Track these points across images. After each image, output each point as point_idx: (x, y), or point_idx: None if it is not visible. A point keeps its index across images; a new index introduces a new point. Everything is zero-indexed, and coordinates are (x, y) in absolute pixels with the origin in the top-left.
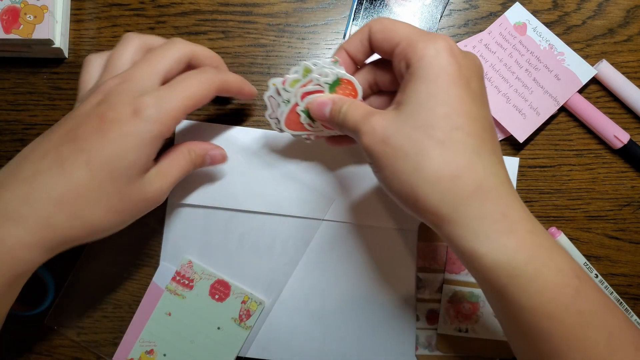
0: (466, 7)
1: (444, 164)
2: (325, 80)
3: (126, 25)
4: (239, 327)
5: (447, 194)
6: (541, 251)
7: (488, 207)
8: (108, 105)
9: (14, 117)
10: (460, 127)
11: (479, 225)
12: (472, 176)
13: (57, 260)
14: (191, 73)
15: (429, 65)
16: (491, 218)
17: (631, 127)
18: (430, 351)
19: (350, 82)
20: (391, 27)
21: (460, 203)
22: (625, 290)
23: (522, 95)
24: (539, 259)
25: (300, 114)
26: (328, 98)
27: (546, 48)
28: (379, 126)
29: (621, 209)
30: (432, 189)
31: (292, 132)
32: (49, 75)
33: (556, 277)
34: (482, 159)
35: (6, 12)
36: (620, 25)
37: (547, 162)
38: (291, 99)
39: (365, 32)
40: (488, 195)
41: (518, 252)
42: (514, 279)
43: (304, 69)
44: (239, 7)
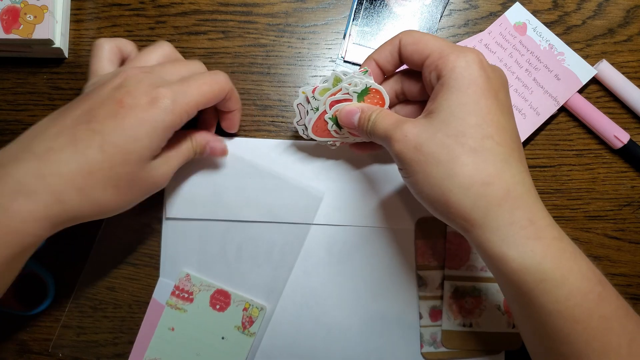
0: (466, 7)
1: (476, 170)
2: (354, 89)
3: (126, 25)
4: (243, 335)
5: (479, 199)
6: (567, 257)
7: (517, 214)
8: (127, 90)
9: (14, 117)
10: (490, 136)
11: (508, 231)
12: (502, 183)
13: (58, 260)
14: (207, 73)
15: (460, 76)
16: (519, 224)
17: (631, 127)
18: (436, 348)
19: (378, 92)
20: (422, 39)
21: (491, 209)
22: (625, 290)
23: (522, 95)
24: (565, 265)
25: (328, 121)
26: (356, 106)
27: (546, 48)
28: (412, 133)
29: (621, 209)
30: (464, 194)
31: (319, 139)
32: (49, 75)
33: (581, 283)
34: (510, 167)
35: (6, 12)
36: (620, 25)
37: (547, 162)
38: (320, 107)
39: (395, 44)
40: (517, 202)
41: (545, 257)
42: (541, 283)
43: (334, 78)
44: (239, 7)
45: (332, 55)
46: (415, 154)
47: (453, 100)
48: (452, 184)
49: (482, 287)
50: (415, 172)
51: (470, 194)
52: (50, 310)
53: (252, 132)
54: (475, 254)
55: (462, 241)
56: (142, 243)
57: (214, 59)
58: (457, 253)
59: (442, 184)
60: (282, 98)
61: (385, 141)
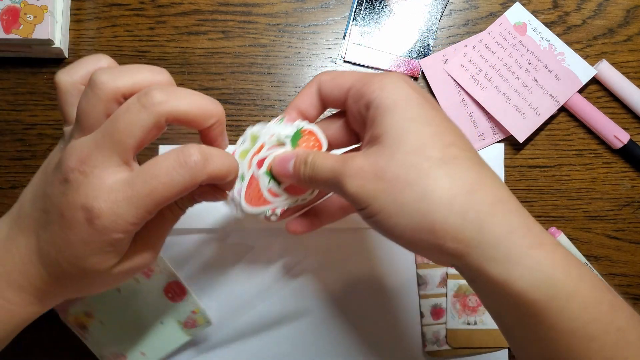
0: (466, 7)
1: (454, 180)
2: (286, 134)
3: (126, 25)
4: (181, 331)
5: (468, 212)
6: (573, 264)
7: (513, 220)
8: (66, 201)
9: (14, 117)
10: (453, 143)
11: (509, 242)
12: (487, 190)
13: None
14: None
15: (394, 94)
16: (519, 232)
17: (631, 127)
18: (439, 346)
19: (312, 133)
20: (340, 74)
21: (485, 219)
22: (625, 290)
23: (522, 95)
24: (573, 274)
25: (264, 178)
26: (291, 152)
27: (546, 48)
28: (367, 163)
29: (621, 209)
30: (449, 210)
31: (256, 210)
32: (49, 75)
33: (593, 293)
34: (486, 171)
35: (6, 12)
36: (620, 25)
37: (547, 162)
38: (245, 172)
39: (314, 86)
40: (506, 206)
41: (555, 268)
42: (553, 300)
43: (251, 136)
44: (239, 7)
45: (332, 55)
46: (377, 184)
47: (398, 117)
48: (432, 204)
49: None
50: (383, 205)
51: (456, 208)
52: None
53: None
54: None
55: None
56: None
57: (214, 59)
58: None
59: (420, 207)
60: (282, 98)
61: (335, 182)
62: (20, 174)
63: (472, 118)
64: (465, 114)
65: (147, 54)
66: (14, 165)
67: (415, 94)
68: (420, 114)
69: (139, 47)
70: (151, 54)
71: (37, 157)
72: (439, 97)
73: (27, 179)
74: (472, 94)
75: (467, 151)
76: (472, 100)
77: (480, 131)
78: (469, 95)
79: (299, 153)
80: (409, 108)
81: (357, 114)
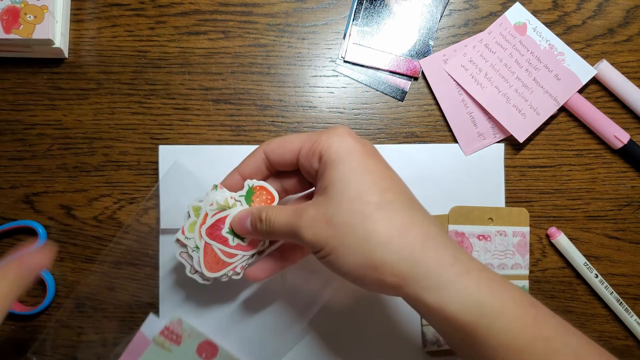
0: (466, 7)
1: (390, 223)
2: (241, 194)
3: (126, 25)
4: None
5: (402, 250)
6: (497, 286)
7: (441, 252)
8: None
9: (14, 117)
10: (389, 188)
11: (439, 272)
12: (417, 229)
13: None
14: None
15: (339, 149)
16: (447, 262)
17: (631, 127)
18: (439, 346)
19: (263, 188)
20: (286, 139)
21: (416, 255)
22: (625, 290)
23: (522, 95)
24: (498, 294)
25: (228, 236)
26: (246, 211)
27: (546, 48)
28: (318, 213)
29: (621, 209)
30: (386, 249)
31: (219, 274)
32: (49, 75)
33: (517, 309)
34: (417, 212)
35: (6, 12)
36: (620, 25)
37: (547, 162)
38: (198, 242)
39: (259, 155)
40: (435, 241)
41: (480, 290)
42: (482, 319)
43: (193, 208)
44: (239, 7)
45: (332, 55)
46: (328, 230)
47: (343, 169)
48: (373, 244)
49: None
50: (334, 247)
51: (392, 247)
52: (50, 310)
53: (252, 132)
54: (477, 251)
55: (463, 240)
56: (142, 243)
57: (214, 59)
58: None
59: (363, 247)
60: (282, 98)
61: (292, 233)
62: (20, 174)
63: (472, 118)
64: (465, 114)
65: (147, 54)
66: (14, 165)
67: (359, 146)
68: (361, 164)
69: (139, 47)
70: (151, 54)
71: (37, 157)
72: (439, 97)
73: (27, 179)
74: (472, 94)
75: (401, 194)
76: (472, 100)
77: (480, 131)
78: (469, 95)
79: (253, 211)
80: (351, 160)
81: (310, 168)
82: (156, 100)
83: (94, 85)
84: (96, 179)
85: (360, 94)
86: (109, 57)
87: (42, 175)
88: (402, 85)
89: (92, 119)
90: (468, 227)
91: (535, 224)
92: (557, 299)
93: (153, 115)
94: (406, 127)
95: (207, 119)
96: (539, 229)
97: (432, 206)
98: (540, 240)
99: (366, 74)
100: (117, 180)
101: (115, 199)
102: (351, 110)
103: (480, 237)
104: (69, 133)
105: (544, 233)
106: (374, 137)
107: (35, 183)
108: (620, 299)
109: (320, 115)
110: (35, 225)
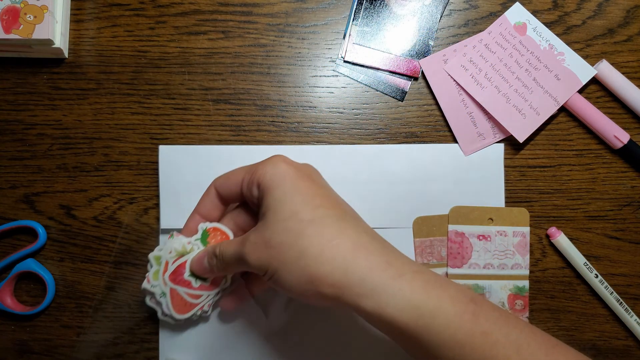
0: (466, 7)
1: (321, 237)
2: (196, 237)
3: (126, 25)
4: None
5: (334, 260)
6: (433, 286)
7: (372, 259)
8: None
9: (14, 117)
10: (320, 205)
11: (372, 278)
12: (347, 239)
13: (58, 260)
14: None
15: (273, 175)
16: (379, 267)
17: (631, 127)
18: None
19: (216, 229)
20: (230, 173)
21: (347, 264)
22: (625, 290)
23: (522, 95)
24: (433, 294)
25: (191, 279)
26: (203, 251)
27: (546, 48)
28: (258, 237)
29: (621, 209)
30: (320, 262)
31: (188, 315)
32: (49, 75)
33: (454, 307)
34: (348, 223)
35: (6, 12)
36: (620, 25)
37: (547, 162)
38: (164, 289)
39: (211, 191)
40: (367, 249)
41: (414, 292)
42: (420, 319)
43: (154, 258)
44: (239, 7)
45: (332, 55)
46: (268, 251)
47: (276, 193)
48: (307, 259)
49: (485, 284)
50: (275, 267)
51: (324, 259)
52: (50, 310)
53: (252, 132)
54: (477, 251)
55: (463, 240)
56: (142, 243)
57: (214, 59)
58: (459, 252)
59: (300, 263)
60: (282, 98)
61: (241, 262)
62: (20, 174)
63: (472, 118)
64: (465, 114)
65: (147, 54)
66: (14, 165)
67: (291, 170)
68: (293, 187)
69: (139, 47)
70: (151, 54)
71: (37, 157)
72: (439, 97)
73: (27, 179)
74: (472, 94)
75: (332, 209)
76: (472, 100)
77: (480, 131)
78: (469, 95)
79: (208, 250)
80: (284, 184)
81: (252, 197)
82: (156, 100)
83: (93, 85)
84: (96, 179)
85: (360, 94)
86: (108, 57)
87: (42, 175)
88: (402, 85)
89: (92, 119)
90: (468, 227)
91: (535, 224)
92: (557, 299)
93: (153, 115)
94: (406, 127)
95: (207, 119)
96: (539, 229)
97: (432, 206)
98: (540, 240)
99: (366, 74)
100: (117, 180)
101: (115, 199)
102: (351, 110)
103: (481, 237)
104: (69, 133)
105: (544, 233)
106: (374, 137)
107: (35, 183)
108: (620, 299)
109: (320, 115)
110: (35, 225)
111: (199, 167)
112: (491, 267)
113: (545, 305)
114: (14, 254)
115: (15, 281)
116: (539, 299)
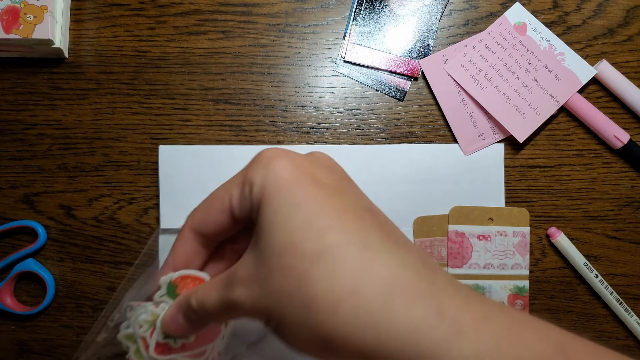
0: (466, 7)
1: (333, 281)
2: (161, 294)
3: (126, 25)
4: None
5: (357, 319)
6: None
7: (416, 311)
8: None
9: (14, 117)
10: (329, 226)
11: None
12: (374, 280)
13: (58, 260)
14: None
15: (264, 181)
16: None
17: (631, 127)
18: None
19: (185, 277)
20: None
21: (377, 321)
22: (625, 290)
23: (522, 95)
24: (509, 355)
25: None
26: (174, 306)
27: (546, 48)
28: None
29: (621, 209)
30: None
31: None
32: (49, 75)
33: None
34: (376, 252)
35: (6, 12)
36: (620, 25)
37: (547, 162)
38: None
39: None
40: (406, 292)
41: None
42: None
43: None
44: (239, 7)
45: (332, 55)
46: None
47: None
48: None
49: (486, 284)
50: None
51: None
52: (50, 310)
53: (252, 132)
54: (477, 251)
55: (464, 240)
56: (142, 243)
57: (214, 59)
58: (459, 252)
59: (307, 321)
60: (282, 98)
61: (231, 309)
62: (20, 174)
63: (472, 118)
64: (465, 114)
65: (147, 54)
66: (14, 165)
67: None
68: (290, 198)
69: (139, 47)
70: (151, 54)
71: (37, 157)
72: (439, 97)
73: (27, 179)
74: (472, 94)
75: (349, 230)
76: (472, 100)
77: (480, 131)
78: (469, 95)
79: (180, 301)
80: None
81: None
82: (156, 100)
83: (93, 85)
84: (96, 179)
85: (360, 94)
86: (108, 57)
87: (42, 175)
88: (402, 85)
89: (92, 119)
90: (468, 227)
91: (535, 224)
92: (557, 299)
93: (153, 115)
94: (406, 127)
95: (207, 119)
96: (539, 229)
97: (432, 206)
98: (540, 240)
99: (366, 74)
100: (117, 180)
101: (115, 199)
102: (351, 110)
103: (481, 237)
104: (69, 133)
105: (544, 233)
106: (374, 137)
107: (35, 183)
108: (620, 299)
109: (320, 115)
110: (35, 225)
111: (199, 167)
112: (491, 267)
113: (545, 305)
114: (14, 254)
115: (15, 281)
116: (539, 299)
